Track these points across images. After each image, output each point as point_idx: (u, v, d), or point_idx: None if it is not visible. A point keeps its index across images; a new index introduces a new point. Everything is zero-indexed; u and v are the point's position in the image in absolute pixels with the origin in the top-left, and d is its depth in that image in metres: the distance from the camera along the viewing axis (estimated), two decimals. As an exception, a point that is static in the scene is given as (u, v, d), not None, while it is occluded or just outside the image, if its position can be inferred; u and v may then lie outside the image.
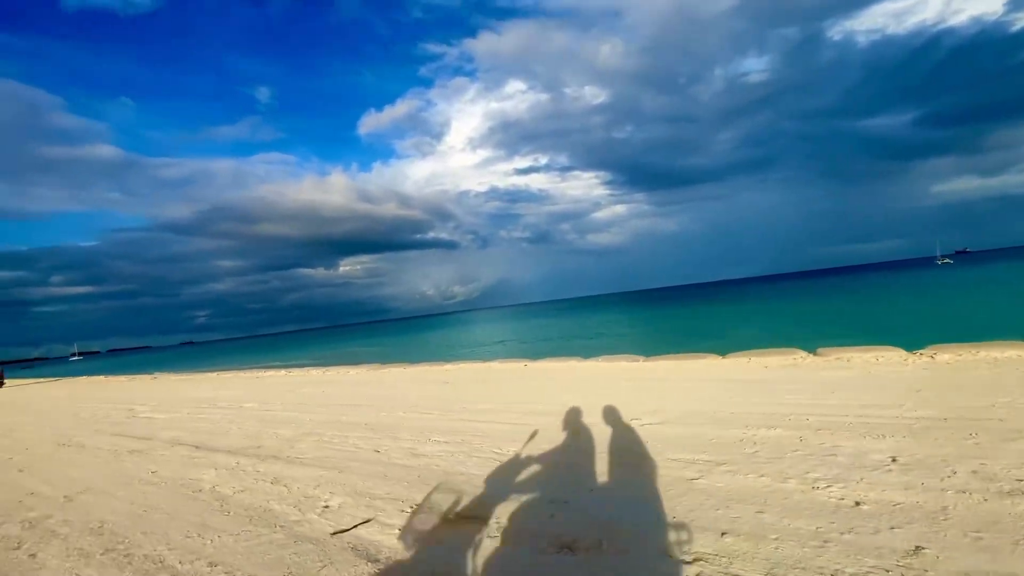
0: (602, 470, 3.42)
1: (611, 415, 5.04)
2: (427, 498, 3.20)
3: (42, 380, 29.18)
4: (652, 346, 15.51)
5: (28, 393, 17.95)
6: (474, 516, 2.85)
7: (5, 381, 26.97)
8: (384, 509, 3.08)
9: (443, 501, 3.11)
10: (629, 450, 3.83)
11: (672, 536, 2.40)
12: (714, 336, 19.96)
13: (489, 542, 2.51)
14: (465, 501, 3.07)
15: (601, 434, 4.35)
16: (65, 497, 4.03)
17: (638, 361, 10.39)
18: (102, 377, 26.08)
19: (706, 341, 16.80)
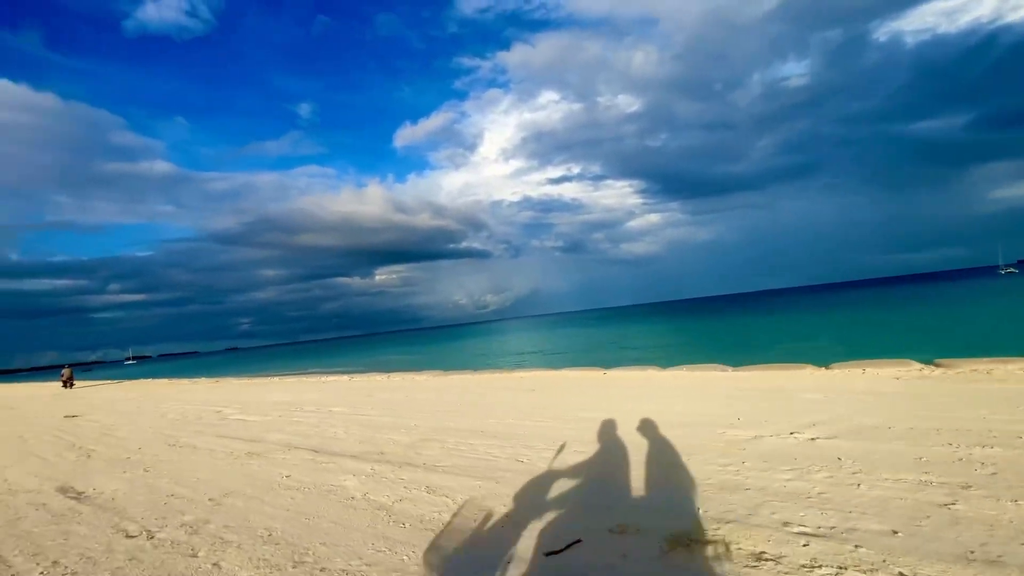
0: (824, 488, 3.00)
1: (764, 426, 4.60)
2: (628, 517, 2.85)
3: (106, 382, 30.50)
4: (711, 356, 14.73)
5: (101, 394, 18.64)
6: (702, 540, 2.48)
7: (75, 382, 28.36)
8: (588, 528, 2.75)
9: (652, 521, 2.76)
10: (842, 467, 3.39)
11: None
12: (771, 346, 18.95)
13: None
14: (680, 521, 2.71)
15: (779, 448, 3.92)
16: (211, 500, 3.88)
17: (727, 371, 9.80)
18: (164, 380, 27.00)
19: (763, 352, 15.93)
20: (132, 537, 3.21)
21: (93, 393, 20.15)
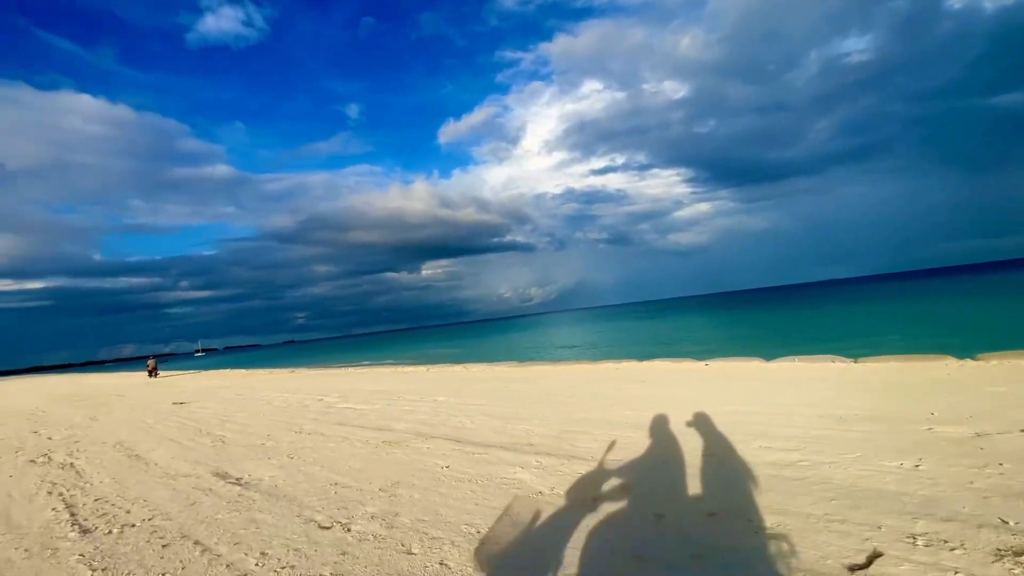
0: None
1: (974, 422, 3.97)
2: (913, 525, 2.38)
3: (183, 372, 32.32)
4: (791, 347, 13.56)
5: (188, 383, 19.63)
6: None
7: (159, 372, 30.25)
8: (881, 540, 2.30)
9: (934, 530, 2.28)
10: None
11: None
12: (850, 337, 17.36)
13: None
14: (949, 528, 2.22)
15: (1001, 446, 3.32)
16: (382, 491, 3.69)
17: (847, 363, 8.98)
18: (242, 370, 28.31)
19: (837, 343, 14.58)
20: (326, 528, 3.04)
21: (179, 382, 21.29)
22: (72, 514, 3.75)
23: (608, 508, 2.96)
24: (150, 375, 28.24)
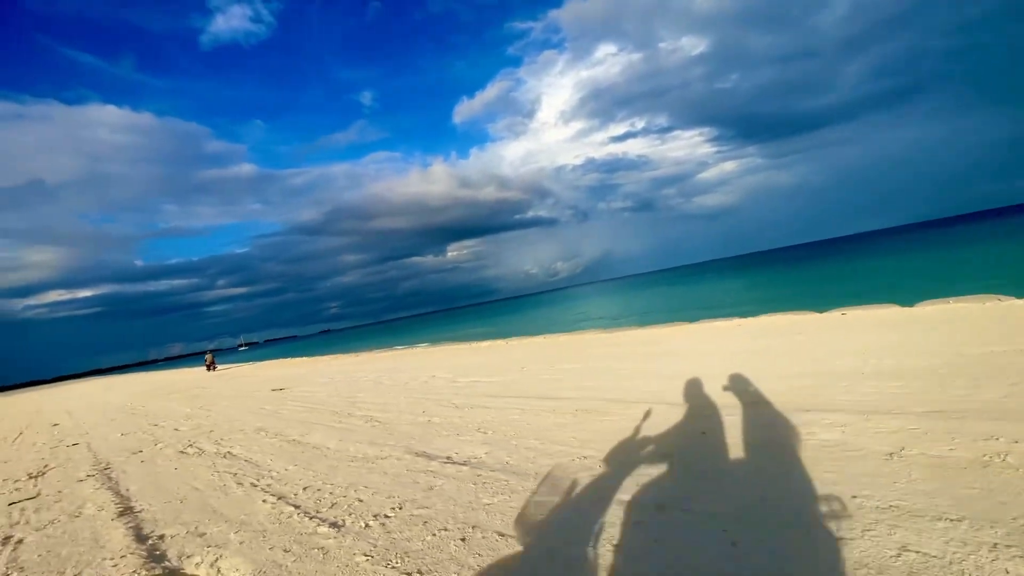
0: None
1: None
2: None
3: (236, 365, 32.91)
4: (842, 301, 12.35)
5: (258, 372, 19.76)
6: None
7: (217, 366, 30.95)
8: None
9: None
10: None
11: None
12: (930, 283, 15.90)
13: None
14: None
15: None
16: (655, 457, 3.09)
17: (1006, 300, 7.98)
18: (301, 358, 28.60)
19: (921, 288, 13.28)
20: (665, 510, 2.45)
21: (243, 372, 21.54)
22: (295, 506, 3.31)
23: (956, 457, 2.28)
24: (208, 369, 28.91)
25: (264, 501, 3.50)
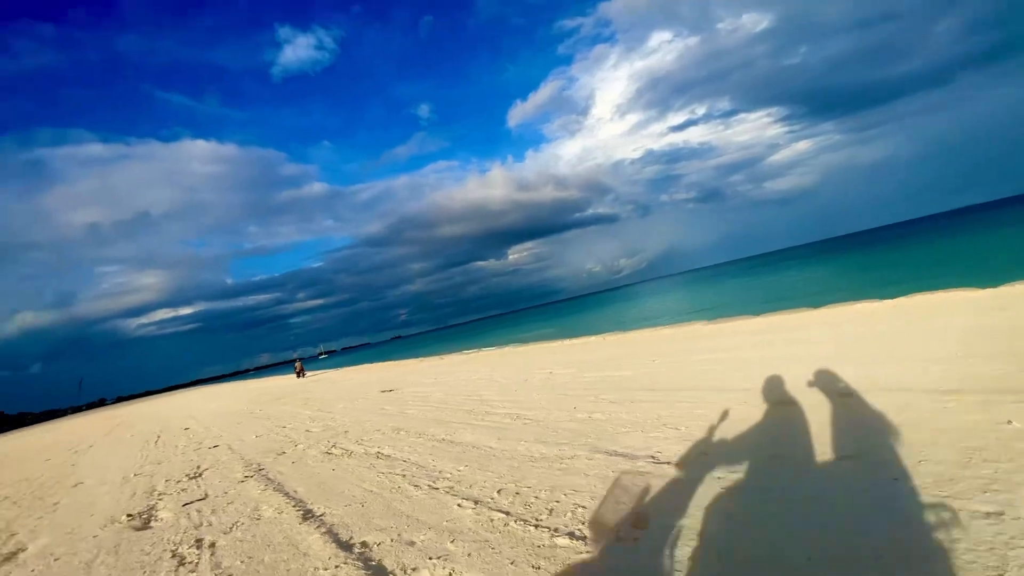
0: None
1: None
2: None
3: (323, 371, 34.25)
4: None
5: (349, 377, 20.32)
6: None
7: (306, 372, 32.44)
8: None
9: None
10: None
11: None
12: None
13: None
14: None
15: None
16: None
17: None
18: (386, 363, 29.38)
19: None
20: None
21: (332, 377, 22.25)
22: (503, 512, 2.92)
23: None
24: (298, 375, 30.28)
25: (459, 506, 3.15)
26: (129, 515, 4.60)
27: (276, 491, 4.37)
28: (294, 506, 3.82)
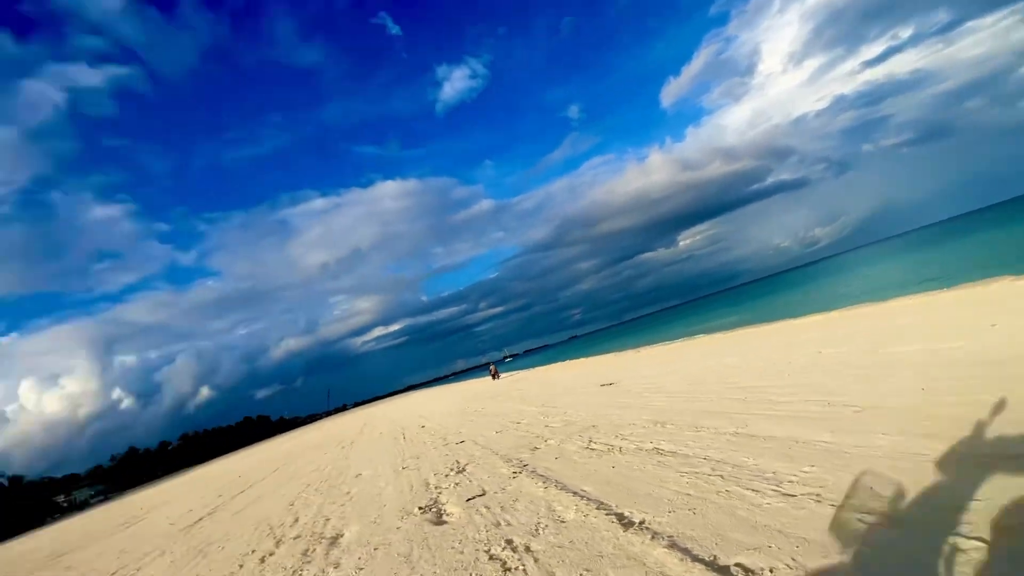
0: None
1: None
2: None
3: (513, 372, 35.53)
4: None
5: (542, 376, 20.42)
6: None
7: (500, 374, 34.12)
8: None
9: None
10: None
11: None
12: None
13: None
14: None
15: None
16: None
17: None
18: (575, 360, 29.31)
19: None
20: None
21: (528, 377, 22.65)
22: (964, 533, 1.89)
23: None
24: (493, 378, 31.98)
25: (862, 521, 2.21)
26: (420, 508, 4.72)
27: (560, 489, 3.97)
28: (597, 508, 3.33)
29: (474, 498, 4.50)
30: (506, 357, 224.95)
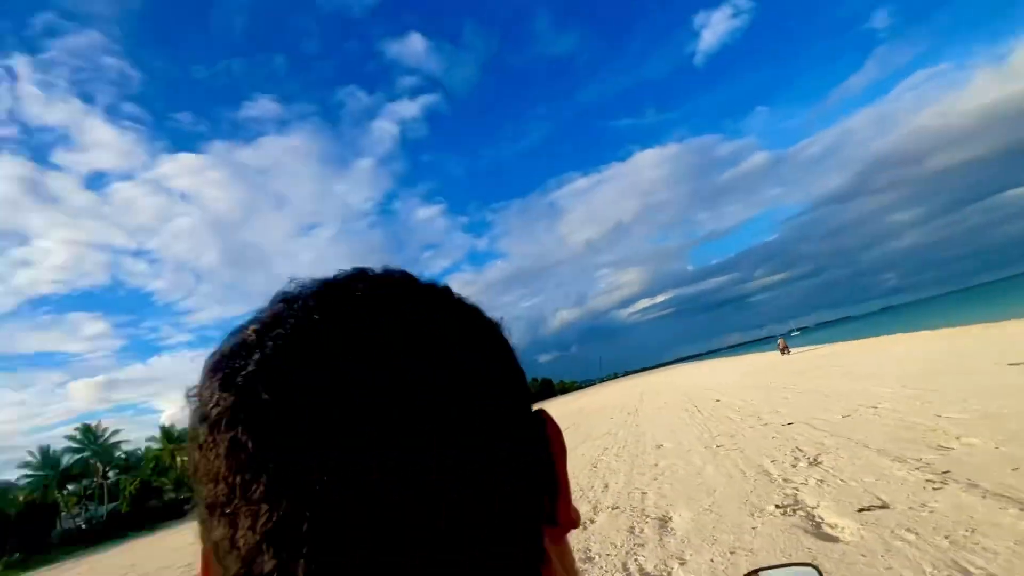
0: None
1: None
2: None
3: (805, 348, 29.10)
4: None
5: (843, 351, 15.64)
6: None
7: (790, 350, 28.87)
8: None
9: None
10: None
11: None
12: None
13: None
14: None
15: None
16: None
17: None
18: (896, 335, 22.31)
19: None
20: None
21: (825, 353, 17.81)
22: None
23: None
24: (782, 353, 27.58)
25: None
26: (776, 505, 3.61)
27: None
28: None
29: (869, 509, 3.11)
30: (792, 331, 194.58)
